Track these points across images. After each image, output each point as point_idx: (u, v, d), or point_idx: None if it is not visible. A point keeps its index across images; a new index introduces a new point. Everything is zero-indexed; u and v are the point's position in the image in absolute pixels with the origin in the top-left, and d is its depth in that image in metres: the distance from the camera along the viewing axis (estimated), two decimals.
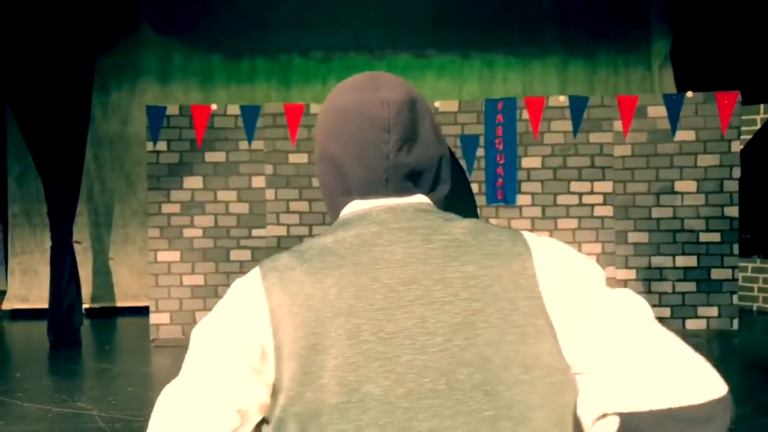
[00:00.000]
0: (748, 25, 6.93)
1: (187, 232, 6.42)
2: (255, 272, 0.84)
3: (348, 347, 0.76)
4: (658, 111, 6.21)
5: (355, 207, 0.88)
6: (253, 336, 0.79)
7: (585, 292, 0.81)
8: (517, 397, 0.76)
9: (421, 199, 0.89)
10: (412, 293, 0.78)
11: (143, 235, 7.29)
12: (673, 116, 6.15)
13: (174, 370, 0.82)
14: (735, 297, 6.19)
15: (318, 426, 0.75)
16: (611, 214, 6.30)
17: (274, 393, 0.79)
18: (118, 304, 7.79)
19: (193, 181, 6.42)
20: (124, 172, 7.83)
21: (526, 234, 0.86)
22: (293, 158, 6.45)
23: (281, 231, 6.47)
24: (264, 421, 0.82)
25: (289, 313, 0.78)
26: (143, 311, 6.79)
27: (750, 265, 7.20)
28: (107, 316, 7.62)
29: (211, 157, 6.42)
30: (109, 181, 7.85)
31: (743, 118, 6.37)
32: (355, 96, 0.87)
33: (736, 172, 6.13)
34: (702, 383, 0.77)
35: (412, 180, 0.88)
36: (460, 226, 0.84)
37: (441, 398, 0.76)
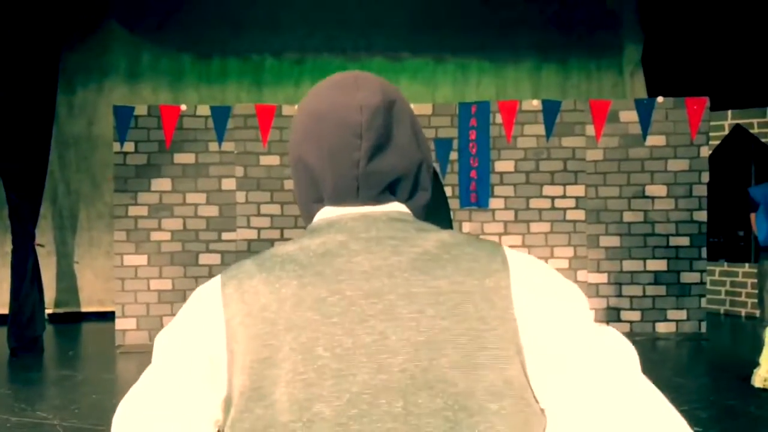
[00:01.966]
0: (717, 32, 7.06)
1: (155, 236, 6.27)
2: (216, 279, 0.80)
3: (301, 362, 0.71)
4: (629, 116, 6.27)
5: (326, 214, 0.83)
6: (208, 346, 0.75)
7: (564, 323, 0.74)
8: (480, 426, 0.70)
9: (396, 207, 0.83)
10: (374, 308, 0.73)
11: (109, 238, 7.11)
12: (644, 121, 6.22)
13: (139, 376, 0.78)
14: (703, 300, 6.28)
15: None
16: (583, 218, 6.34)
17: (226, 407, 0.74)
18: (83, 309, 7.58)
19: (161, 183, 6.28)
20: (89, 173, 7.63)
21: (508, 250, 0.79)
22: (264, 160, 6.35)
23: (252, 234, 6.36)
24: None
25: (243, 324, 0.73)
26: (109, 316, 6.62)
27: (717, 269, 7.32)
28: (71, 321, 7.41)
29: (180, 158, 6.29)
30: (75, 182, 7.64)
31: (712, 123, 6.48)
32: (330, 98, 0.82)
33: (705, 177, 6.22)
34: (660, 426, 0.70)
35: (387, 188, 0.83)
36: (434, 237, 0.78)
37: (397, 422, 0.70)
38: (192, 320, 0.77)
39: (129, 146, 6.23)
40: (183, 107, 6.34)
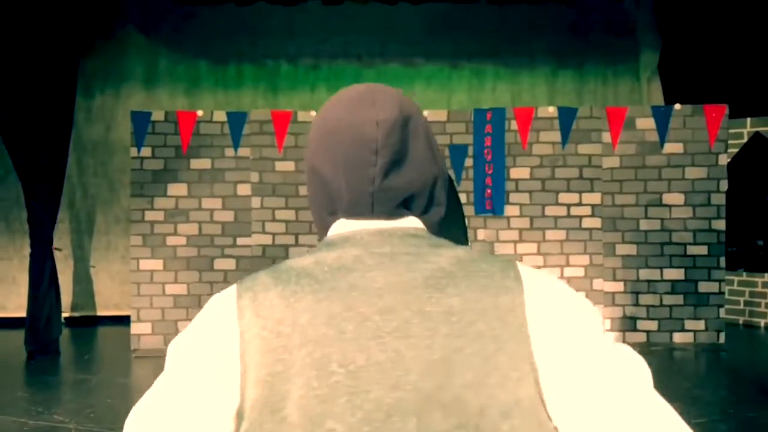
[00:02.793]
0: (736, 39, 6.98)
1: (171, 240, 6.31)
2: (232, 290, 0.79)
3: (314, 378, 0.71)
4: (646, 123, 6.21)
5: (341, 227, 0.83)
6: (222, 357, 0.74)
7: (578, 342, 0.73)
8: None
9: (411, 222, 0.83)
10: (388, 324, 0.72)
11: (126, 242, 7.16)
12: (662, 128, 6.16)
13: (153, 380, 0.79)
14: (722, 311, 6.19)
15: None
16: (599, 226, 6.28)
17: (238, 419, 0.74)
18: (99, 313, 7.64)
19: (177, 188, 6.32)
20: (107, 178, 7.70)
21: (521, 266, 0.78)
22: (280, 166, 6.37)
23: (267, 240, 6.38)
24: None
25: (258, 337, 0.73)
26: (124, 320, 6.66)
27: (736, 279, 7.22)
28: (87, 325, 7.47)
29: (196, 164, 6.33)
30: (92, 187, 7.71)
31: (730, 131, 6.40)
32: (347, 112, 0.81)
33: (723, 185, 6.14)
34: None
35: (402, 203, 0.83)
36: (448, 254, 0.78)
37: None
38: (206, 330, 0.77)
39: (146, 151, 6.27)
40: (199, 113, 6.38)
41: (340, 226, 0.84)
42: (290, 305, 0.74)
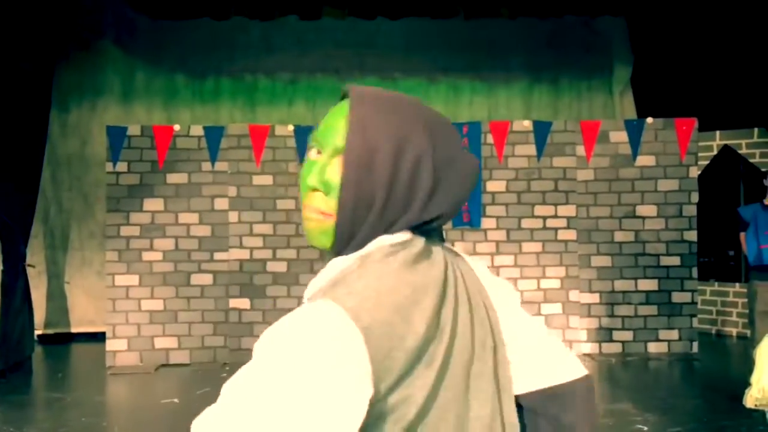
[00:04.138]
0: (705, 54, 7.16)
1: (147, 256, 6.25)
2: (335, 309, 0.69)
3: (437, 377, 0.75)
4: (619, 136, 6.33)
5: (390, 239, 0.79)
6: (356, 388, 0.67)
7: (509, 301, 0.93)
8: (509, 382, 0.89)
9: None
10: (474, 316, 0.84)
11: (101, 258, 7.07)
12: (634, 141, 6.28)
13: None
14: (695, 320, 6.30)
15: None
16: (575, 238, 6.36)
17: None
18: (73, 330, 7.50)
19: (153, 203, 6.27)
20: (82, 192, 7.59)
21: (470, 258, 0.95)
22: (257, 180, 6.37)
23: (244, 254, 6.35)
24: None
25: (389, 359, 0.69)
26: (99, 337, 6.56)
27: (708, 289, 7.35)
28: (61, 342, 7.33)
29: (172, 178, 6.29)
30: (67, 201, 7.60)
31: (700, 144, 6.55)
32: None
33: (695, 197, 6.27)
34: (566, 368, 0.94)
35: None
36: (460, 255, 0.93)
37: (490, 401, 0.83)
38: (332, 359, 0.66)
39: (122, 166, 6.23)
40: (176, 127, 6.35)
41: (388, 239, 0.79)
42: (405, 319, 0.71)
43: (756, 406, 4.52)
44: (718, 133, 7.16)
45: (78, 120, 7.59)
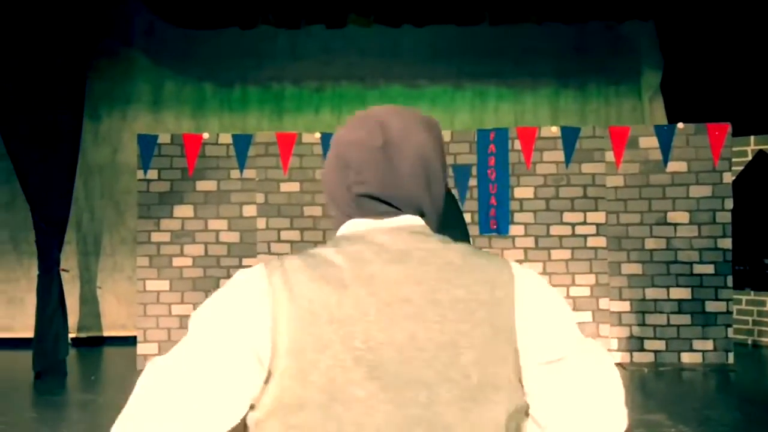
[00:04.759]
0: (738, 57, 7.00)
1: (177, 261, 6.35)
2: (259, 269, 0.88)
3: (340, 351, 0.82)
4: (649, 142, 6.23)
5: (354, 226, 0.95)
6: (255, 328, 0.83)
7: (553, 333, 0.88)
8: (487, 414, 0.83)
9: (413, 220, 0.95)
10: (404, 310, 0.84)
11: (132, 263, 7.20)
12: (665, 147, 6.17)
13: (175, 347, 0.84)
14: (730, 330, 6.13)
15: (302, 419, 0.82)
16: (604, 245, 6.27)
17: (266, 382, 0.83)
18: (105, 334, 7.65)
19: (183, 210, 6.37)
20: (113, 200, 7.75)
21: (513, 264, 0.92)
22: (285, 187, 6.42)
23: None
24: (251, 407, 0.86)
25: (290, 312, 0.83)
26: (130, 341, 6.67)
27: (744, 298, 7.15)
28: (93, 345, 7.47)
29: (202, 185, 6.38)
30: (99, 209, 7.77)
31: (734, 149, 6.40)
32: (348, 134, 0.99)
33: (729, 204, 6.13)
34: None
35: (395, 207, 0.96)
36: (455, 249, 0.91)
37: (421, 409, 0.82)
38: (239, 302, 0.85)
39: (152, 174, 6.34)
40: (205, 135, 6.46)
41: (354, 225, 0.95)
42: (320, 287, 0.84)
43: None
44: (752, 137, 7.00)
45: (109, 128, 7.76)
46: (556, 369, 0.87)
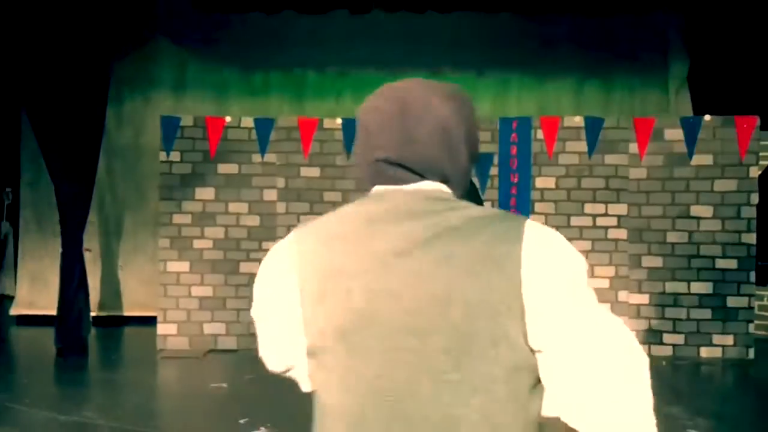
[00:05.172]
0: (766, 49, 6.87)
1: (198, 243, 6.40)
2: (291, 237, 1.03)
3: (343, 301, 0.93)
4: (674, 134, 6.15)
5: (378, 187, 1.02)
6: (288, 285, 0.99)
7: (562, 289, 0.88)
8: (481, 368, 0.86)
9: (434, 186, 0.99)
10: (402, 265, 0.90)
11: (153, 245, 7.28)
12: (690, 140, 6.08)
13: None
14: (751, 326, 6.07)
15: (319, 359, 0.97)
16: (625, 237, 6.22)
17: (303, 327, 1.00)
18: (126, 314, 7.75)
19: (205, 192, 6.42)
20: (135, 182, 7.83)
21: (530, 223, 0.93)
22: (305, 171, 6.44)
23: None
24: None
25: (304, 270, 0.97)
26: (150, 321, 6.77)
27: (766, 294, 7.07)
28: (114, 325, 7.59)
29: (223, 168, 6.42)
30: (121, 190, 7.85)
31: (762, 143, 6.29)
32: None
33: (754, 198, 6.04)
34: (634, 421, 0.88)
35: (419, 173, 1.00)
36: (460, 213, 0.93)
37: (411, 355, 0.88)
38: (274, 270, 1.03)
39: (175, 156, 6.39)
40: (228, 119, 6.48)
41: (378, 186, 1.02)
42: (327, 245, 0.97)
43: None
44: None
45: (132, 111, 7.82)
46: (563, 330, 0.87)
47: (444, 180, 0.99)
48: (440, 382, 0.87)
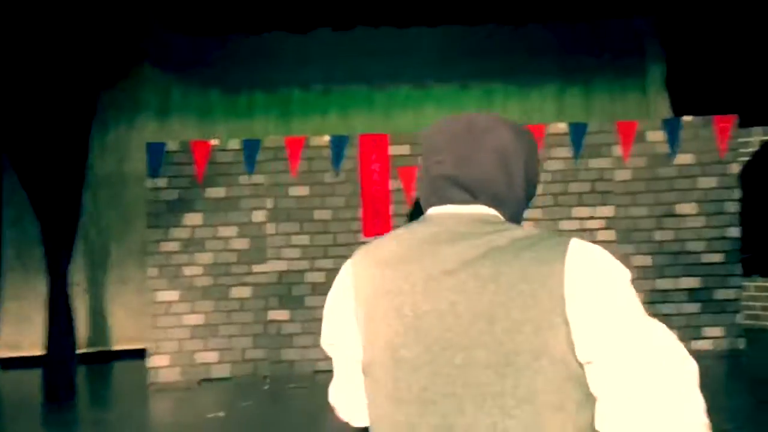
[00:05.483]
0: (741, 50, 7.12)
1: (187, 271, 6.28)
2: (350, 259, 1.12)
3: (393, 318, 0.99)
4: (656, 136, 6.30)
5: (430, 210, 1.09)
6: (347, 307, 1.07)
7: (607, 304, 0.92)
8: (523, 380, 0.90)
9: (483, 209, 1.04)
10: (448, 283, 0.96)
11: (140, 274, 7.11)
12: (672, 140, 6.25)
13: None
14: (740, 316, 6.22)
15: (372, 374, 1.03)
16: (614, 238, 6.32)
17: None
18: (114, 348, 7.52)
19: (193, 218, 6.31)
20: (120, 210, 7.63)
21: (573, 240, 0.97)
22: (294, 191, 6.39)
23: (282, 266, 6.36)
24: None
25: (359, 291, 1.04)
26: (140, 354, 6.58)
27: (753, 284, 7.26)
28: (103, 361, 7.35)
29: (211, 192, 6.33)
30: (105, 220, 7.65)
31: (740, 140, 6.50)
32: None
33: (736, 194, 6.22)
34: (685, 427, 0.89)
35: (472, 194, 1.06)
36: (507, 235, 0.98)
37: (458, 370, 0.93)
38: (338, 292, 1.11)
39: (161, 182, 6.27)
40: (214, 141, 6.40)
41: (431, 210, 1.10)
42: (379, 266, 1.03)
43: None
44: (758, 128, 7.11)
45: (116, 139, 7.65)
46: (610, 341, 0.90)
47: (497, 204, 1.05)
48: (484, 395, 0.92)
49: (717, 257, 6.24)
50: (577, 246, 0.95)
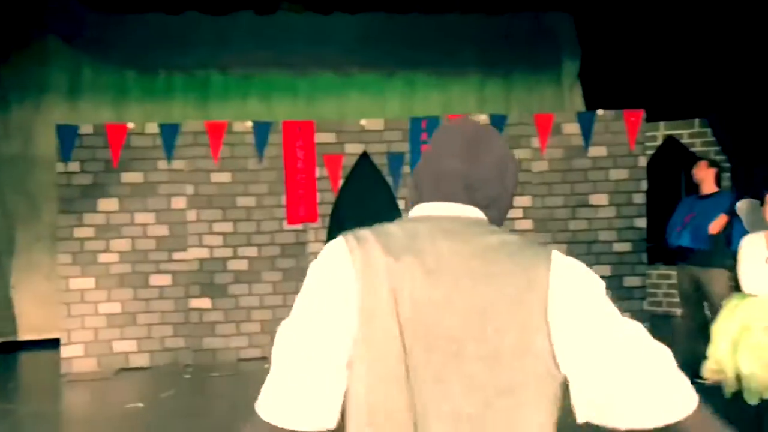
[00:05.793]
0: (650, 48, 7.49)
1: (102, 258, 6.05)
2: (340, 243, 1.06)
3: (393, 307, 1.00)
4: (572, 128, 6.55)
5: (420, 210, 1.14)
6: (347, 289, 1.02)
7: (586, 310, 1.01)
8: (508, 373, 0.98)
9: (475, 213, 1.11)
10: (444, 277, 1.00)
11: (50, 261, 6.78)
12: (586, 133, 6.51)
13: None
14: (645, 303, 6.60)
15: (377, 360, 1.01)
16: (531, 227, 6.55)
17: (358, 330, 1.02)
18: (21, 338, 7.15)
19: (108, 203, 6.07)
20: (27, 194, 7.20)
21: (555, 252, 1.07)
22: (216, 177, 6.26)
23: (204, 253, 6.23)
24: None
25: (365, 276, 1.02)
26: (50, 344, 6.30)
27: (655, 272, 7.71)
28: (9, 351, 6.98)
29: (127, 177, 6.11)
30: (10, 204, 7.22)
31: (647, 134, 6.85)
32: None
33: (644, 186, 6.57)
34: (677, 403, 1.00)
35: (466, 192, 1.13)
36: (499, 238, 1.06)
37: (451, 359, 0.98)
38: (331, 271, 1.04)
39: (74, 166, 5.99)
40: (130, 125, 6.16)
41: (421, 207, 1.15)
42: (384, 256, 1.02)
43: (712, 378, 4.79)
44: (662, 123, 7.52)
45: (21, 119, 7.21)
46: (590, 337, 0.99)
47: (489, 205, 1.13)
48: (471, 385, 0.98)
49: (626, 246, 6.58)
50: (559, 256, 1.04)
